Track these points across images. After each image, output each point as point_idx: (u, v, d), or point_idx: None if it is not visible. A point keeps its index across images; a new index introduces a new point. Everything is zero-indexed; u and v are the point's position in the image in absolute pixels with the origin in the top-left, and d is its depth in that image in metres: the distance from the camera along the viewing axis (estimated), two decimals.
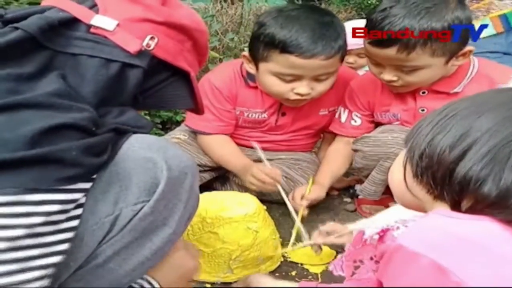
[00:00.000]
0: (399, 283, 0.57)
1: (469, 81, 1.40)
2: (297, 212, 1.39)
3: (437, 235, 0.57)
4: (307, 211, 1.44)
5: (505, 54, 1.91)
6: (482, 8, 1.95)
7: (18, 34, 0.70)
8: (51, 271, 0.63)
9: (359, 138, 1.51)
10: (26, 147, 0.59)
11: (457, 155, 0.60)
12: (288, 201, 1.41)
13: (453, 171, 0.60)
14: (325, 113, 1.66)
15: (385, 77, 1.38)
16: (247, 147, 1.66)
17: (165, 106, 0.93)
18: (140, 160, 0.72)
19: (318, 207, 1.52)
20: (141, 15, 0.79)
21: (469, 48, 1.32)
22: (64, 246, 0.64)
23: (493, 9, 1.94)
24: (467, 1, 1.91)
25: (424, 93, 1.44)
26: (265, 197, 1.50)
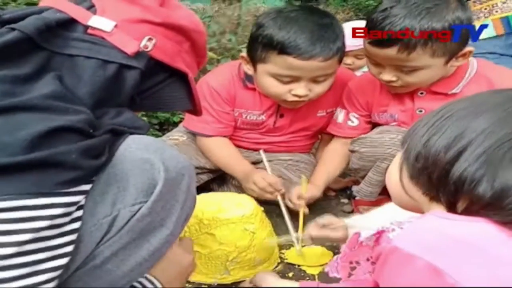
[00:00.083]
0: (395, 285, 0.57)
1: (468, 82, 1.39)
2: (294, 215, 1.38)
3: (433, 236, 0.57)
4: (307, 209, 1.44)
5: (502, 55, 1.91)
6: (484, 9, 1.95)
7: (15, 35, 0.70)
8: (59, 273, 0.63)
9: (356, 139, 1.51)
10: (25, 151, 0.59)
11: (452, 156, 0.60)
12: (286, 214, 1.39)
13: (449, 172, 0.60)
14: (323, 115, 1.65)
15: (385, 77, 1.38)
16: (245, 148, 1.67)
17: (162, 107, 0.93)
18: (137, 161, 0.72)
19: (315, 208, 1.52)
20: (139, 16, 0.79)
21: (469, 48, 1.32)
22: (69, 248, 0.64)
23: (496, 11, 1.94)
24: (470, 2, 1.92)
25: (422, 94, 1.43)
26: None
